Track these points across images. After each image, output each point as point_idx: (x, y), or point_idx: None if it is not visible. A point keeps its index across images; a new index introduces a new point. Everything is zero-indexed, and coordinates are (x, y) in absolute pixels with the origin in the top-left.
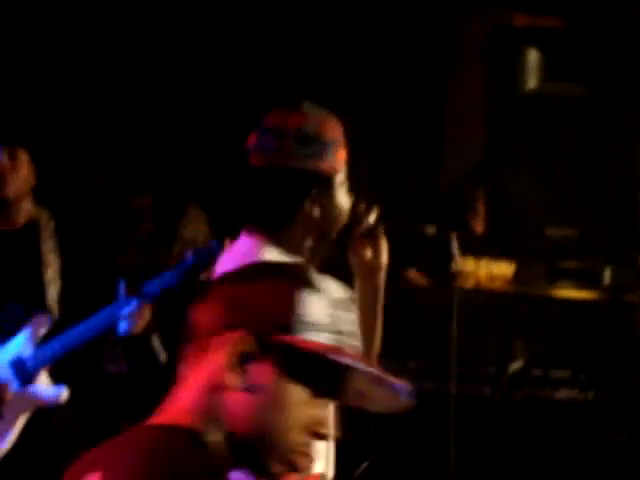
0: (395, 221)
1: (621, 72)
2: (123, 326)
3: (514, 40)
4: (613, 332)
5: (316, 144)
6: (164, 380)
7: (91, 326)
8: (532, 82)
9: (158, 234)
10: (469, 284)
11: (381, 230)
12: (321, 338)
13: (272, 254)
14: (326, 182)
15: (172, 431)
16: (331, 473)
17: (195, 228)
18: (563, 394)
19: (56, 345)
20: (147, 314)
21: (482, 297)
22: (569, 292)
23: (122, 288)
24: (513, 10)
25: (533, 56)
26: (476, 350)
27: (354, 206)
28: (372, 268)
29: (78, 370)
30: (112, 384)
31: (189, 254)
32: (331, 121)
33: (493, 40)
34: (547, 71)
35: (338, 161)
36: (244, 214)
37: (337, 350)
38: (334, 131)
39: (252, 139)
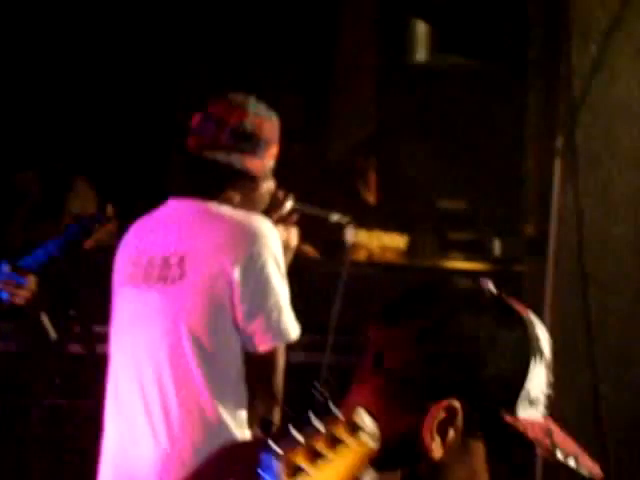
0: (303, 207)
1: (507, 43)
2: (3, 296)
3: (403, 11)
4: None
5: (251, 142)
6: (54, 358)
7: None
8: (421, 54)
9: (45, 209)
10: (361, 256)
11: (294, 217)
12: (537, 414)
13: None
14: (251, 179)
15: None
16: None
17: (82, 202)
18: None
19: None
20: (32, 285)
21: (373, 269)
22: (460, 263)
23: (3, 264)
24: None
25: (422, 28)
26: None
27: (273, 193)
28: (287, 249)
29: None
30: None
31: (71, 223)
32: (270, 121)
33: (382, 10)
34: (435, 43)
35: (268, 158)
36: (172, 185)
37: (573, 452)
38: (271, 131)
39: (195, 120)
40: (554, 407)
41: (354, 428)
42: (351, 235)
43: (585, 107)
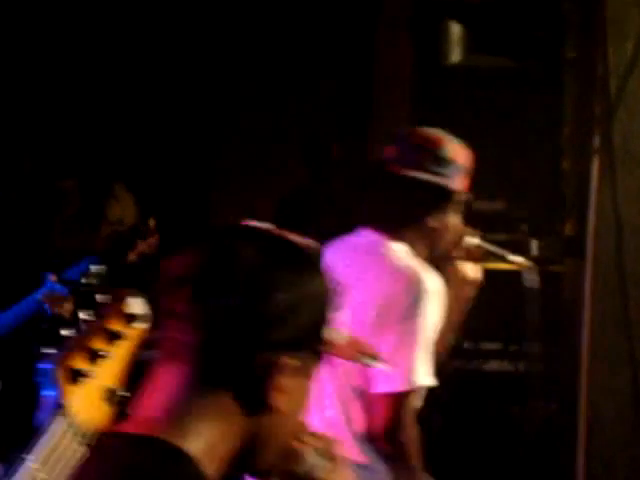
0: (487, 244)
1: (542, 43)
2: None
3: (437, 13)
4: (541, 303)
5: (449, 166)
6: None
7: (17, 312)
8: (456, 55)
9: (84, 217)
10: None
11: (481, 253)
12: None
13: (398, 248)
14: (450, 200)
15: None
16: None
17: (122, 209)
18: (494, 366)
19: None
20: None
21: None
22: (497, 264)
23: (48, 274)
24: None
25: (456, 29)
26: None
27: (461, 228)
28: (468, 283)
29: (10, 358)
30: None
31: (114, 236)
32: (464, 150)
33: (417, 12)
34: (470, 44)
35: (462, 185)
36: (368, 212)
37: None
38: (465, 159)
39: (392, 150)
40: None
41: (128, 318)
42: (531, 280)
43: (622, 106)
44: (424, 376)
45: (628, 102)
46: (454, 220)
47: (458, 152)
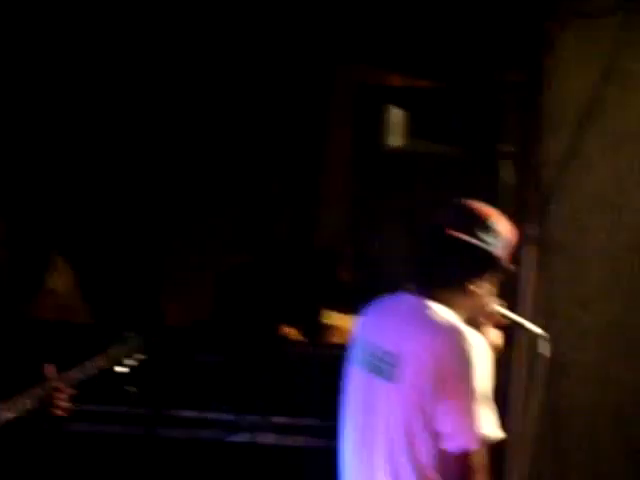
0: (506, 311)
1: (479, 133)
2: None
3: (381, 98)
4: None
5: (496, 237)
6: None
7: None
8: (397, 139)
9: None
10: (337, 338)
11: (504, 321)
12: None
13: (440, 309)
14: (494, 268)
15: None
16: None
17: (61, 279)
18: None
19: None
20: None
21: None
22: None
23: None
24: (383, 70)
25: (398, 114)
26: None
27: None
28: (493, 348)
29: None
30: None
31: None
32: (510, 229)
33: (360, 96)
34: (411, 129)
35: (506, 257)
36: (415, 272)
37: None
38: (510, 235)
39: (444, 216)
40: None
41: None
42: (545, 348)
43: (558, 197)
44: (492, 430)
45: (562, 193)
46: (491, 288)
47: (506, 227)
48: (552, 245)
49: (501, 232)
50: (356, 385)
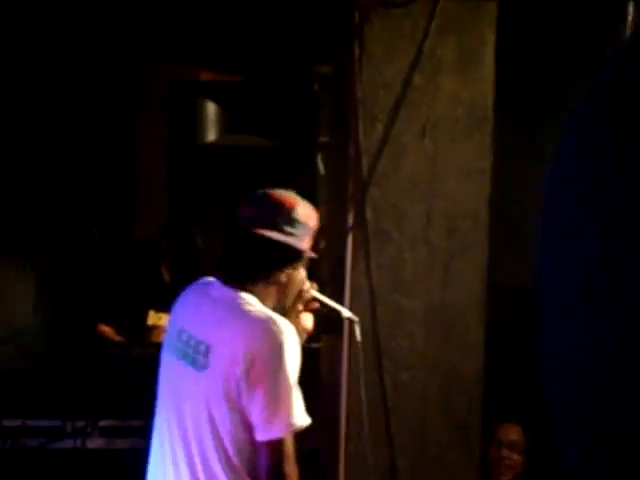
0: (321, 296)
1: (297, 124)
2: None
3: (193, 93)
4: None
5: (299, 227)
6: None
7: None
8: (211, 134)
9: None
10: (158, 338)
11: (314, 304)
12: None
13: (251, 300)
14: (299, 259)
15: None
16: None
17: None
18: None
19: None
20: None
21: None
22: None
23: None
24: (193, 67)
25: (211, 108)
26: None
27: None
28: (305, 332)
29: None
30: None
31: None
32: (314, 212)
33: (171, 92)
34: (225, 123)
35: (309, 244)
36: (223, 266)
37: None
38: (314, 221)
39: (249, 210)
40: None
41: None
42: (356, 331)
43: (374, 185)
44: (302, 417)
45: (379, 181)
46: (300, 275)
47: (309, 215)
48: (372, 232)
49: (305, 221)
50: (167, 373)
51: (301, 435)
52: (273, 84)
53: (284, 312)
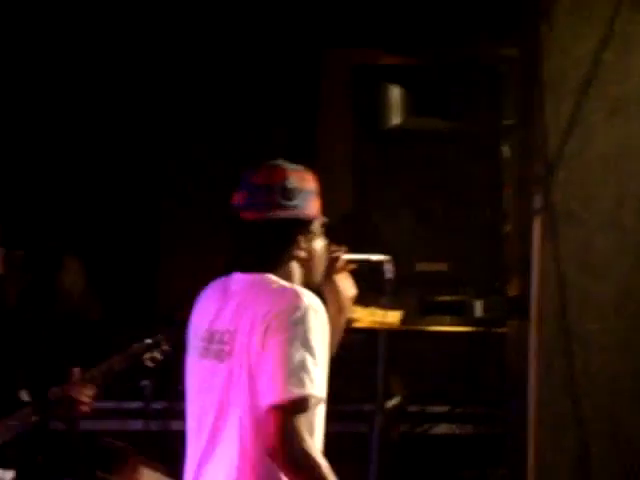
0: (352, 255)
1: (481, 106)
2: None
3: (376, 76)
4: (486, 365)
5: (298, 196)
6: None
7: None
8: (395, 118)
9: (36, 289)
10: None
11: (350, 266)
12: None
13: (277, 279)
14: (308, 228)
15: None
16: None
17: (73, 279)
18: (441, 429)
19: None
20: None
21: (359, 335)
22: (442, 325)
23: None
24: (376, 50)
25: (395, 92)
26: (351, 387)
27: (328, 246)
28: (346, 296)
29: None
30: None
31: None
32: (308, 174)
33: (355, 76)
34: (409, 107)
35: (316, 208)
36: (237, 261)
37: None
38: (311, 183)
39: (240, 197)
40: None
41: None
42: (390, 271)
43: (561, 166)
44: (318, 390)
45: (567, 162)
46: (319, 244)
47: (303, 179)
48: (559, 215)
49: (302, 187)
50: (190, 373)
51: (488, 420)
52: (456, 67)
53: (319, 291)
